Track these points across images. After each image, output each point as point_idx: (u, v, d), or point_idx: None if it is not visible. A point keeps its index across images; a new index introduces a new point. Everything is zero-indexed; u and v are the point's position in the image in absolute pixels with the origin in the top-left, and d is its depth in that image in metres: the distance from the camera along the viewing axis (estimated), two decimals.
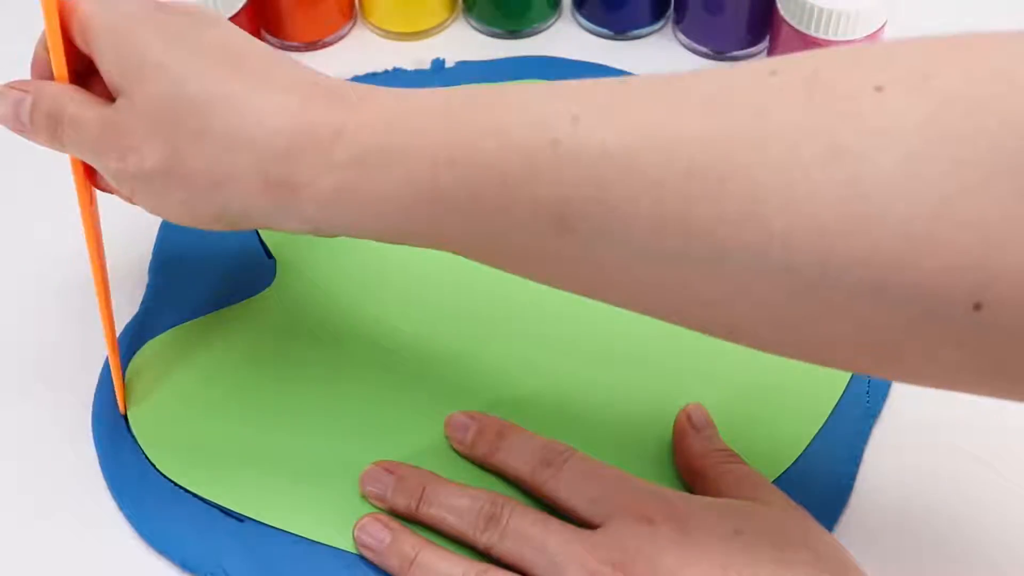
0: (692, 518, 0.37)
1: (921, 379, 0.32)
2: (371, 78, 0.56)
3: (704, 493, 0.40)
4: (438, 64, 0.57)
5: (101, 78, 0.38)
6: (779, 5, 0.54)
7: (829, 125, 0.29)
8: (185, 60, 0.36)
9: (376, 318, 0.47)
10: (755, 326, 0.32)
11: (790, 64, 0.31)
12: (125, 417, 0.45)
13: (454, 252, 0.36)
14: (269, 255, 0.50)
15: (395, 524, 0.41)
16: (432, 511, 0.40)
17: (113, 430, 0.44)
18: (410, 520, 0.41)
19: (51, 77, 0.40)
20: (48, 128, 0.39)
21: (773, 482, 0.41)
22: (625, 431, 0.44)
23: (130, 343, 0.47)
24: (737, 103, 0.31)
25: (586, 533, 0.38)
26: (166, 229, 0.51)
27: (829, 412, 0.44)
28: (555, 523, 0.39)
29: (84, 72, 0.40)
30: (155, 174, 0.37)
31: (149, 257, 0.50)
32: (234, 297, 0.48)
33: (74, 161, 0.41)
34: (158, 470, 0.43)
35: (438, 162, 0.34)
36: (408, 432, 0.44)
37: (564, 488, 0.40)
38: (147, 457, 0.43)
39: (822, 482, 0.42)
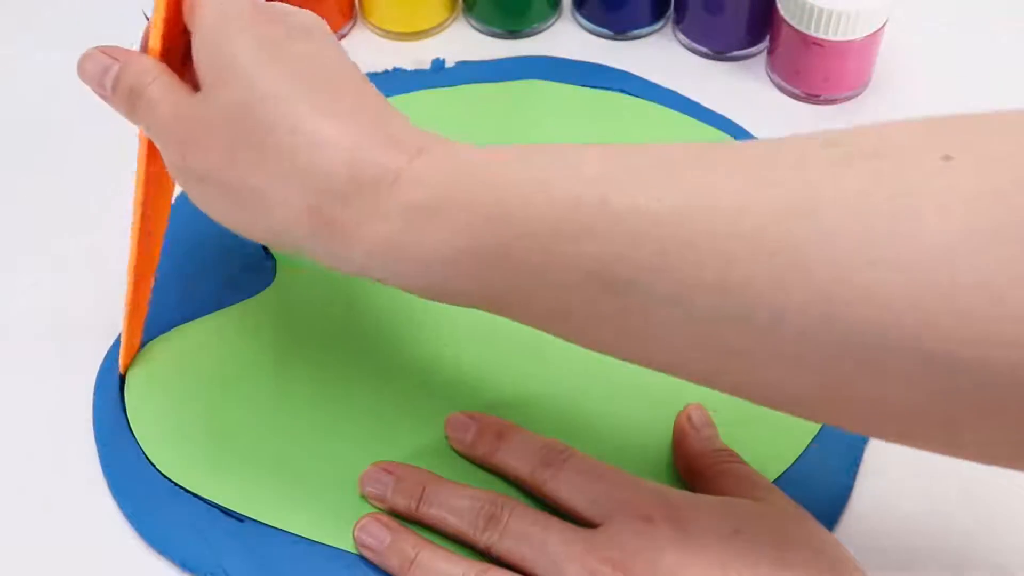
0: (692, 517, 0.37)
1: (973, 454, 0.32)
2: (371, 78, 0.56)
3: (704, 493, 0.40)
4: (438, 64, 0.57)
5: (189, 62, 0.38)
6: (779, 5, 0.54)
7: (888, 195, 0.29)
8: (267, 73, 0.36)
9: (376, 318, 0.47)
10: (802, 392, 0.32)
11: (848, 135, 0.31)
12: (122, 378, 0.45)
13: (498, 313, 0.36)
14: (269, 255, 0.50)
15: (395, 524, 0.41)
16: (432, 511, 0.40)
17: (114, 430, 0.44)
18: (410, 520, 0.41)
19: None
20: (127, 101, 0.39)
21: (773, 482, 0.41)
22: (625, 431, 0.44)
23: None
24: (790, 170, 0.30)
25: (586, 532, 0.38)
26: (168, 229, 0.51)
27: None
28: (555, 522, 0.39)
29: (185, 53, 0.39)
30: (210, 178, 0.37)
31: None
32: (234, 297, 0.48)
33: (144, 143, 0.41)
34: (158, 470, 0.43)
35: (486, 219, 0.33)
36: (408, 432, 0.44)
37: (564, 488, 0.40)
38: (147, 457, 0.43)
39: (822, 482, 0.42)
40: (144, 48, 0.40)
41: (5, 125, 0.56)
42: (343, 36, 0.60)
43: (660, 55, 0.59)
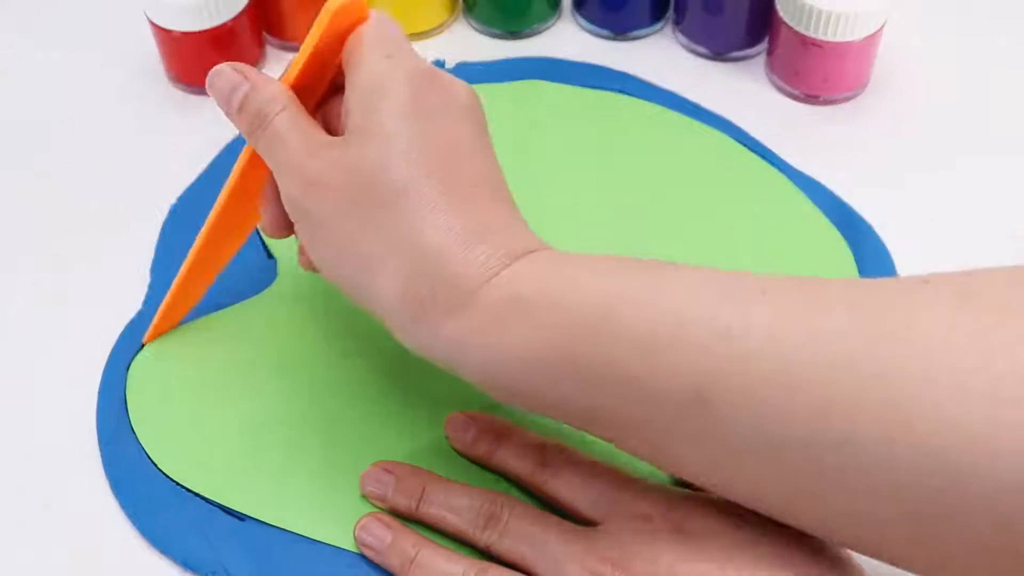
0: (691, 515, 0.37)
1: None
2: None
3: (704, 492, 0.40)
4: (438, 64, 0.57)
5: (328, 103, 0.39)
6: (778, 6, 0.54)
7: (982, 333, 0.29)
8: (412, 143, 0.36)
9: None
10: (886, 531, 0.31)
11: (943, 276, 0.31)
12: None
13: (574, 423, 0.36)
14: (269, 255, 0.50)
15: (396, 523, 0.41)
16: (432, 510, 0.40)
17: (116, 429, 0.44)
18: (410, 520, 0.41)
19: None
20: (250, 123, 0.39)
21: None
22: None
23: (131, 343, 0.47)
24: (886, 304, 0.31)
25: (586, 531, 0.38)
26: (167, 229, 0.51)
27: None
28: (555, 521, 0.39)
29: (324, 94, 0.40)
30: (323, 223, 0.37)
31: (150, 256, 0.50)
32: (234, 297, 0.48)
33: (250, 151, 0.41)
34: (160, 469, 0.43)
35: (581, 323, 0.33)
36: (408, 432, 0.44)
37: (564, 487, 0.40)
38: (149, 456, 0.43)
39: None
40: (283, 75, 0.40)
41: (5, 125, 0.56)
42: None
43: (660, 56, 0.59)
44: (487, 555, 0.39)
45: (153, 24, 0.55)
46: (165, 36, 0.55)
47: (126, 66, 0.59)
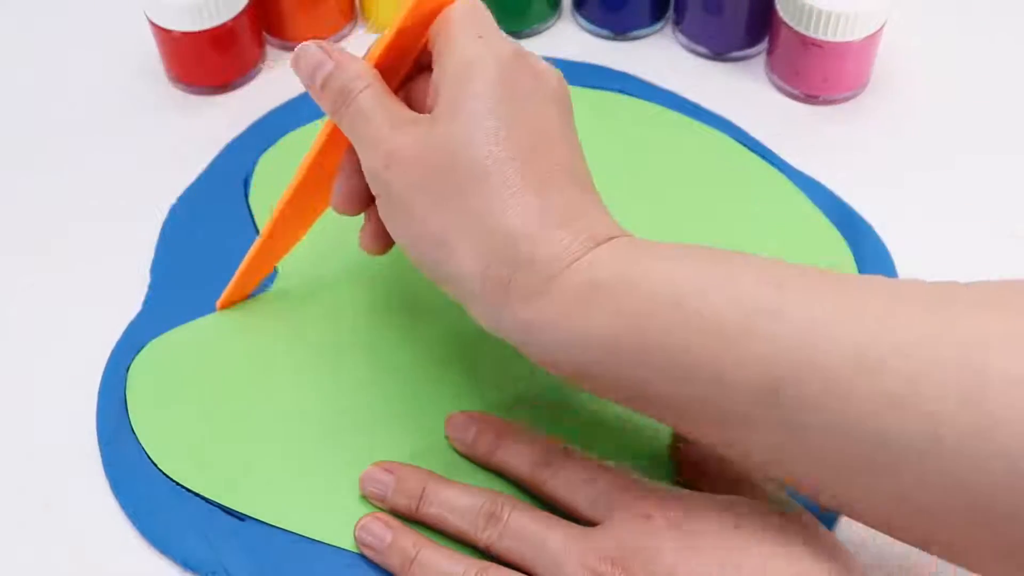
0: (691, 514, 0.37)
1: None
2: None
3: (704, 492, 0.40)
4: None
5: (412, 83, 0.40)
6: (778, 6, 0.54)
7: None
8: (500, 124, 0.36)
9: (377, 318, 0.47)
10: (938, 524, 0.32)
11: (1013, 281, 0.32)
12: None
13: (643, 409, 0.36)
14: None
15: (396, 523, 0.41)
16: (432, 510, 0.40)
17: (116, 429, 0.44)
18: (411, 520, 0.41)
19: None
20: (334, 100, 0.39)
21: None
22: (625, 430, 0.44)
23: (131, 343, 0.47)
24: (959, 299, 0.31)
25: (586, 530, 0.38)
26: (167, 229, 0.51)
27: None
28: (555, 521, 0.39)
29: (408, 74, 0.40)
30: (404, 198, 0.37)
31: (150, 256, 0.50)
32: None
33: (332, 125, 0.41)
34: (160, 469, 0.43)
35: (657, 310, 0.34)
36: (408, 432, 0.44)
37: (564, 487, 0.40)
38: (149, 456, 0.43)
39: None
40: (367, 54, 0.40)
41: (5, 125, 0.56)
42: (343, 37, 0.60)
43: (660, 56, 0.59)
44: (487, 555, 0.39)
45: (153, 24, 0.55)
46: (165, 36, 0.55)
47: (126, 66, 0.59)
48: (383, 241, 0.42)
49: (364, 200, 0.41)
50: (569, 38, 0.60)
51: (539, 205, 0.36)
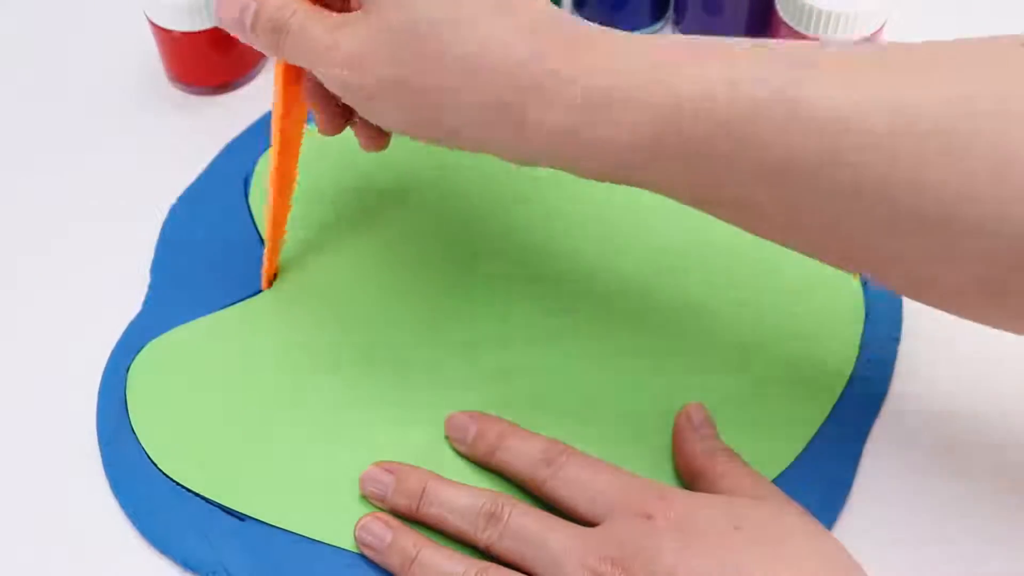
0: (691, 514, 0.37)
1: None
2: None
3: (704, 492, 0.40)
4: None
5: None
6: (778, 6, 0.54)
7: None
8: None
9: (376, 318, 0.47)
10: (962, 287, 0.33)
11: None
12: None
13: (664, 194, 0.37)
14: None
15: (396, 523, 0.41)
16: (433, 510, 0.40)
17: (116, 429, 0.44)
18: (411, 520, 0.41)
19: None
20: (269, 36, 0.39)
21: (772, 482, 0.41)
22: (625, 430, 0.44)
23: (131, 343, 0.47)
24: (983, 68, 0.32)
25: (586, 531, 0.38)
26: (167, 229, 0.51)
27: (828, 412, 0.44)
28: (555, 521, 0.39)
29: None
30: (383, 89, 0.37)
31: (150, 256, 0.50)
32: (234, 297, 0.48)
33: (281, 69, 0.42)
34: (160, 469, 0.43)
35: (667, 109, 0.34)
36: (408, 432, 0.44)
37: (564, 487, 0.40)
38: (149, 456, 0.43)
39: (821, 481, 0.42)
40: None
41: (5, 125, 0.56)
42: None
43: None
44: (487, 555, 0.39)
45: (153, 24, 0.55)
46: (165, 36, 0.55)
47: (126, 66, 0.59)
48: (379, 138, 0.43)
49: (343, 115, 0.42)
50: None
51: (522, 30, 0.36)
